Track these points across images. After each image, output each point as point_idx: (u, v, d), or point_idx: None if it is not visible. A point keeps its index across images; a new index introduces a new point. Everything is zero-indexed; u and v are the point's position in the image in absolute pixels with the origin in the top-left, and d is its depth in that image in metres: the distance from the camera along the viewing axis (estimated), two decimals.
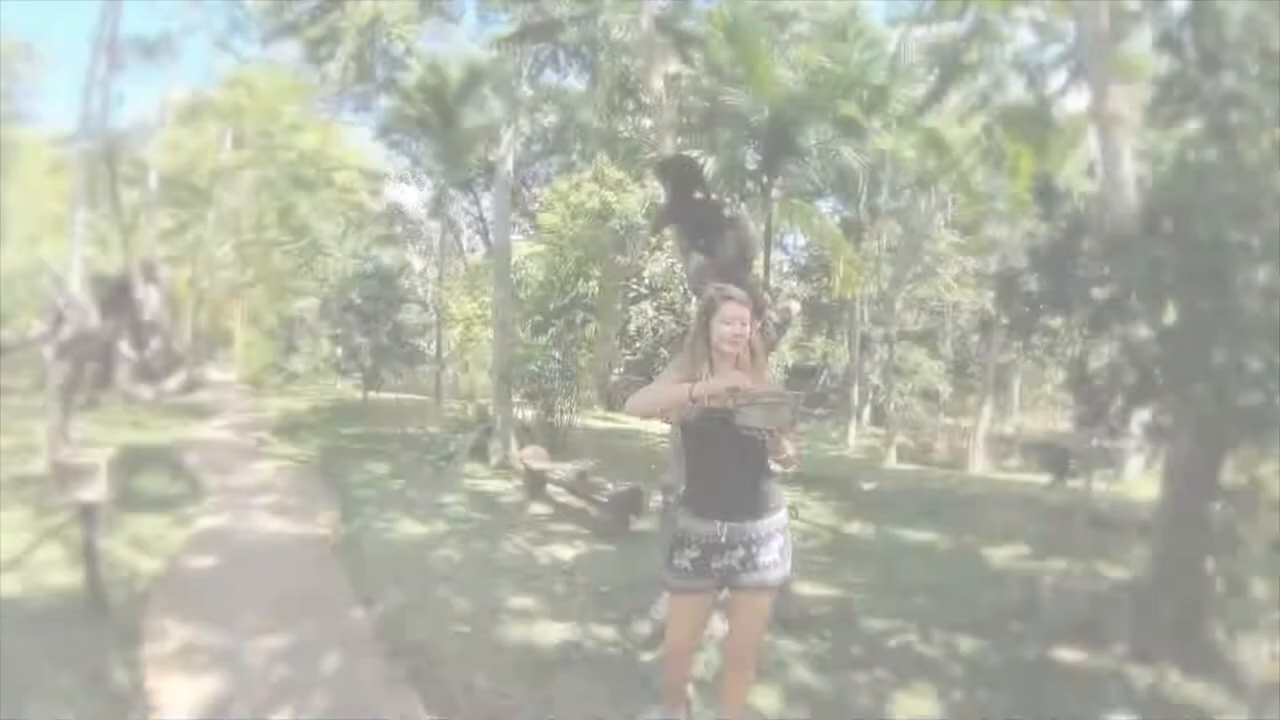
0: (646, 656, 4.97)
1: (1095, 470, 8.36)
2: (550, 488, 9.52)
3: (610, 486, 8.53)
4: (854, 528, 8.96)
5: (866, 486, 10.83)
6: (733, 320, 3.42)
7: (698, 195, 4.96)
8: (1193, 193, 4.88)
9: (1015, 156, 10.55)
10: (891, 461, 13.28)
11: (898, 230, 18.43)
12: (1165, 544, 5.45)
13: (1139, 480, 10.25)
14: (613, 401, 19.04)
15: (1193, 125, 5.43)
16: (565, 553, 7.33)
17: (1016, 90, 10.09)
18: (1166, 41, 5.67)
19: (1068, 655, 5.23)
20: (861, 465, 12.61)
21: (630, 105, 12.22)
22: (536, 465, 9.55)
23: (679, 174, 4.88)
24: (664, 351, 16.35)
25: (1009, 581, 6.97)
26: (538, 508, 9.15)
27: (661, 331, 17.22)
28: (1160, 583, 5.33)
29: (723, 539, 3.46)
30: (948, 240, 17.40)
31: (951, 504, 10.04)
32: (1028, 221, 13.08)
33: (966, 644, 5.40)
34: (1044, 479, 11.72)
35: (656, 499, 8.06)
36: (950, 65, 9.36)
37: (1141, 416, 8.34)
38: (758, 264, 5.25)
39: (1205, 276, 4.95)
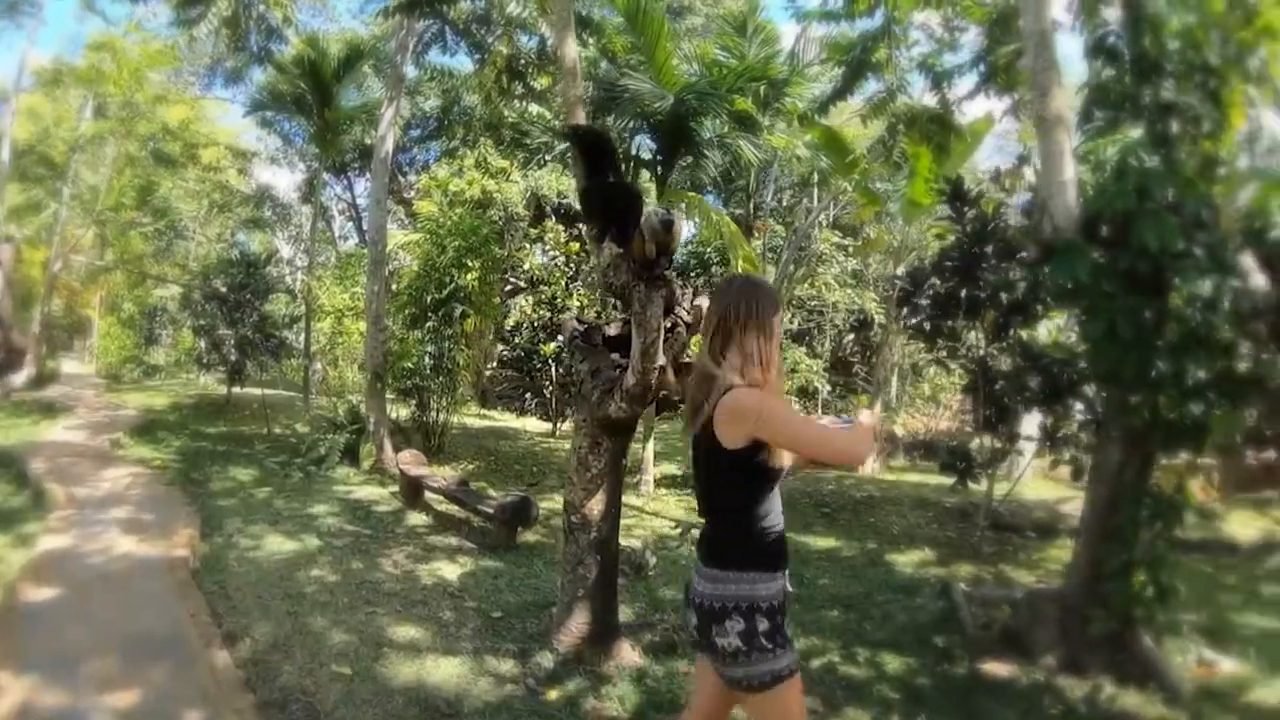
0: (552, 694, 4.43)
1: (992, 472, 8.26)
2: (429, 495, 8.71)
3: (495, 495, 7.86)
4: None
5: None
6: None
7: (611, 178, 4.35)
8: (1136, 199, 4.73)
9: (914, 158, 10.35)
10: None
11: (779, 229, 18.35)
12: (1091, 551, 5.28)
13: (1032, 483, 10.32)
14: (488, 399, 18.30)
15: (1130, 132, 5.34)
16: (450, 571, 6.64)
17: (918, 92, 9.90)
18: (1100, 49, 5.50)
19: (999, 669, 5.07)
20: None
21: (519, 89, 11.49)
22: (414, 471, 8.76)
23: (595, 147, 4.27)
24: (541, 347, 15.70)
25: (923, 591, 6.72)
26: (416, 518, 8.39)
27: (540, 327, 16.62)
28: (1087, 591, 5.22)
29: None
30: (830, 240, 17.37)
31: (847, 507, 9.78)
32: (920, 225, 13.18)
33: (893, 662, 5.18)
34: (932, 479, 11.78)
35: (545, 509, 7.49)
36: (857, 64, 9.00)
37: (1036, 421, 8.39)
38: None
39: (1146, 285, 4.84)
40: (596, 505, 4.77)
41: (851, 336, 20.92)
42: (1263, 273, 4.86)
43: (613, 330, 5.05)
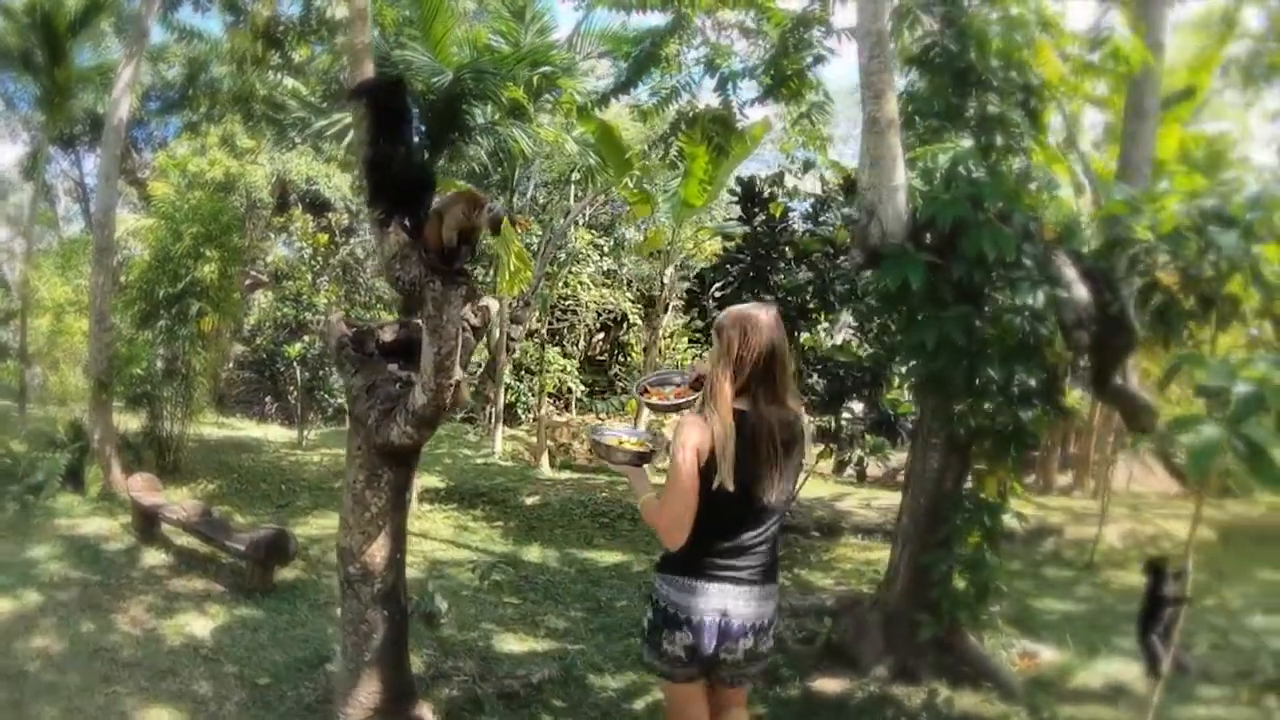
0: None
1: None
2: (167, 527, 7.27)
3: (243, 524, 6.63)
4: (534, 553, 7.77)
5: (529, 501, 9.69)
6: None
7: (403, 148, 3.47)
8: (966, 207, 4.67)
9: (691, 159, 9.97)
10: (545, 468, 12.21)
11: (535, 228, 17.67)
12: (912, 557, 5.24)
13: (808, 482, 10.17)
14: (225, 403, 16.28)
15: (950, 142, 5.16)
16: (201, 625, 5.48)
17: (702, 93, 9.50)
18: (923, 59, 5.40)
19: (831, 686, 4.91)
20: (514, 474, 11.41)
21: (276, 58, 10.02)
22: (148, 500, 7.30)
23: (389, 106, 3.36)
24: (285, 348, 14.11)
25: None
26: (154, 556, 6.97)
27: (283, 325, 15.03)
28: (910, 597, 5.17)
29: None
30: (586, 239, 16.92)
31: (625, 515, 9.19)
32: (690, 226, 12.90)
33: None
34: None
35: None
36: (645, 57, 8.46)
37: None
38: None
39: (971, 294, 4.86)
40: (379, 551, 3.86)
41: (602, 335, 20.57)
42: (1083, 284, 4.93)
43: (388, 335, 4.16)
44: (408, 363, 4.01)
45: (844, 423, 8.01)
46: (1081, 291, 4.92)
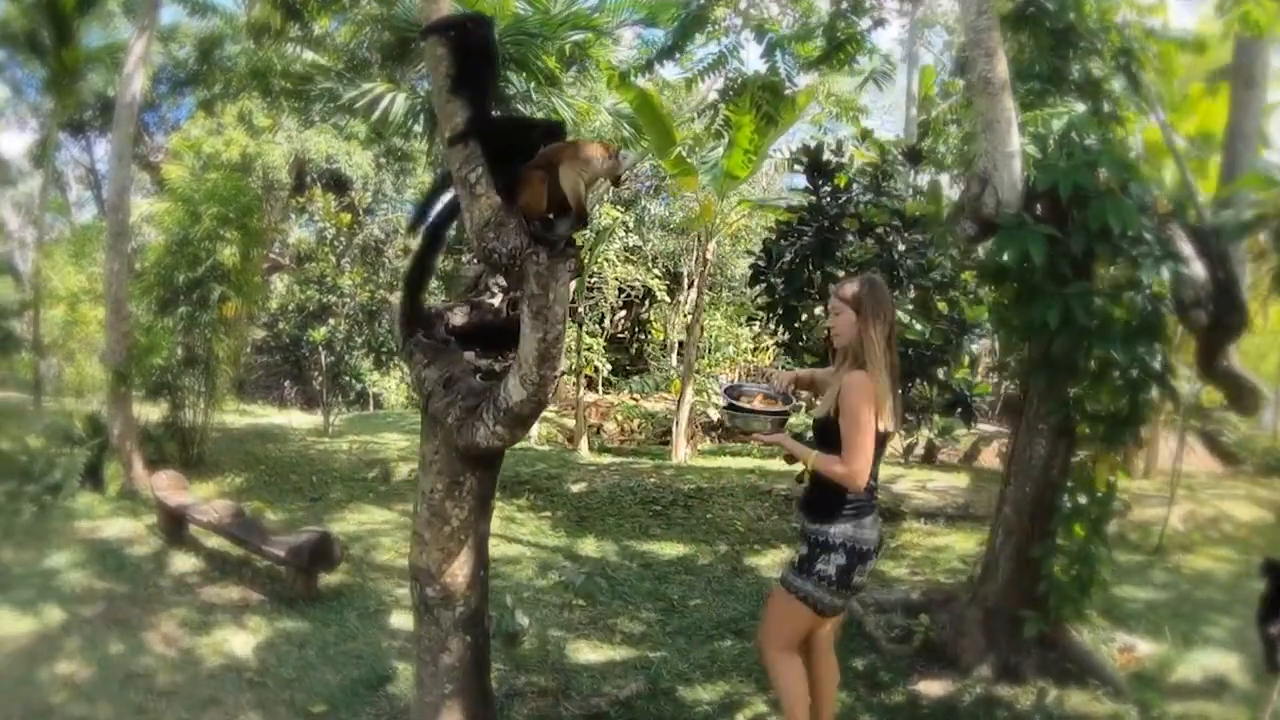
0: None
1: None
2: (196, 528, 6.67)
3: (275, 521, 6.04)
4: (590, 546, 7.19)
5: (575, 488, 9.08)
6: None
7: (488, 96, 2.88)
8: (1088, 176, 4.24)
9: (736, 128, 9.31)
10: (585, 452, 11.59)
11: None
12: (1012, 547, 4.83)
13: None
14: (245, 390, 15.68)
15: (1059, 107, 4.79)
16: (241, 642, 4.90)
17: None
18: (1022, 18, 5.02)
19: (934, 688, 4.56)
20: (554, 459, 10.80)
21: (296, 30, 9.33)
22: (174, 500, 6.70)
23: (476, 47, 2.77)
24: (309, 333, 13.46)
25: None
26: (184, 560, 6.38)
27: (310, 309, 14.36)
28: (1009, 589, 4.80)
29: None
30: (612, 215, 16.24)
31: (678, 502, 8.57)
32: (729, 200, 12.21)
33: None
34: (740, 462, 10.92)
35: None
36: (692, 19, 7.83)
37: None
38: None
39: (1088, 268, 4.48)
40: (461, 570, 3.28)
41: (624, 313, 19.91)
42: (1200, 260, 4.61)
43: (459, 318, 3.55)
44: (483, 349, 3.42)
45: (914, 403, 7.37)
46: (1199, 268, 4.59)
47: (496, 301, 3.62)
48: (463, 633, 3.32)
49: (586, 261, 13.53)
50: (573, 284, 2.96)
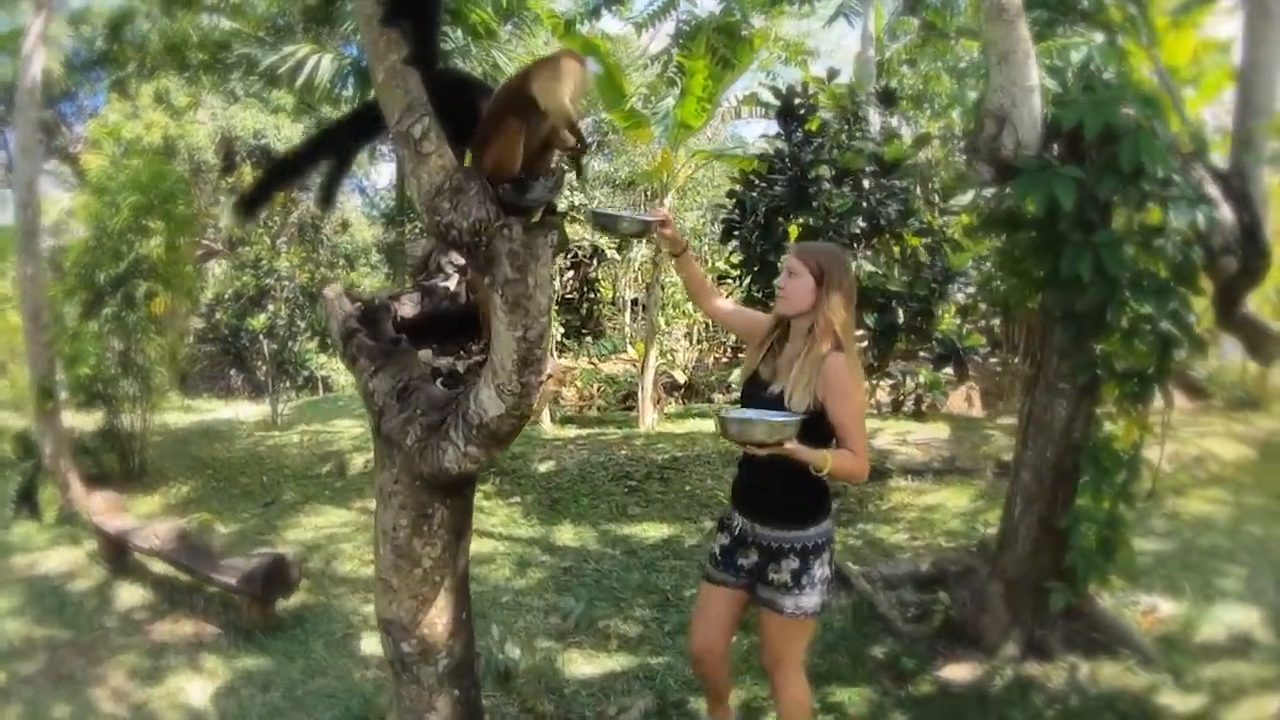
0: None
1: None
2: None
3: (227, 535, 5.37)
4: (567, 534, 6.60)
5: (543, 468, 8.43)
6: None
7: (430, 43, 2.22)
8: (1118, 112, 3.77)
9: (690, 74, 8.63)
10: (547, 425, 10.88)
11: None
12: (1033, 516, 4.43)
13: None
14: (188, 384, 14.66)
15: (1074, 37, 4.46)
16: (198, 688, 4.25)
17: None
18: None
19: (960, 672, 4.21)
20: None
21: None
22: (114, 525, 5.95)
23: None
24: (248, 321, 12.53)
25: None
26: (130, 593, 5.63)
27: (248, 295, 13.43)
28: (1031, 560, 4.44)
29: (737, 533, 2.94)
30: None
31: (653, 474, 7.95)
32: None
33: (844, 695, 4.03)
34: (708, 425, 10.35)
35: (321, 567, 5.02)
36: None
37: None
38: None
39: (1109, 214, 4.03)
40: (440, 618, 2.66)
41: (572, 273, 19.16)
42: (1225, 203, 4.24)
43: (408, 308, 2.90)
44: (441, 344, 2.78)
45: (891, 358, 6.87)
46: (1227, 212, 4.22)
47: (452, 284, 2.97)
48: (450, 687, 2.71)
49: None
50: (556, 261, 2.31)
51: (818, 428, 2.69)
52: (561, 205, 16.58)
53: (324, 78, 6.82)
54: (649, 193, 14.78)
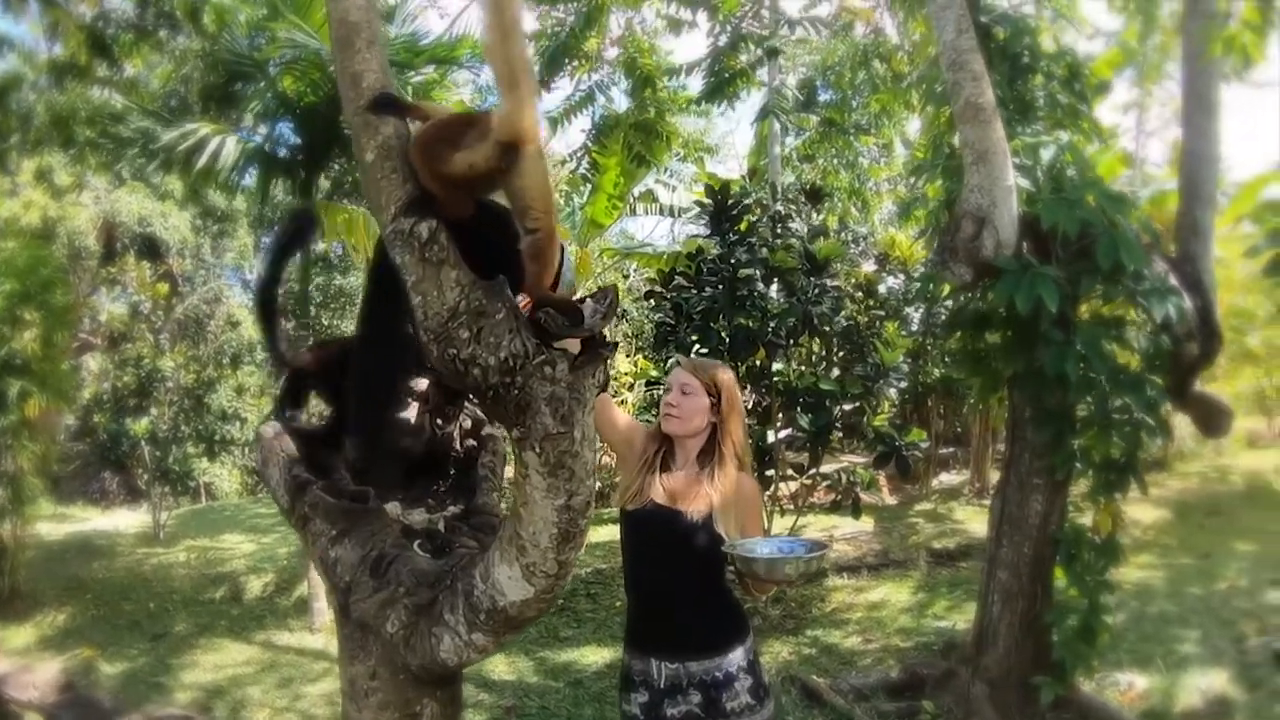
0: None
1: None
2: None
3: (120, 704, 4.45)
4: (501, 665, 5.87)
5: None
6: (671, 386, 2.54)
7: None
8: (1094, 212, 3.75)
9: (602, 170, 8.35)
10: None
11: None
12: (1012, 613, 4.27)
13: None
14: (61, 490, 13.09)
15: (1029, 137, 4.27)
16: None
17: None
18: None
19: None
20: None
21: (104, 70, 7.53)
22: None
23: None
24: (130, 427, 11.26)
25: (779, 701, 4.70)
26: None
27: (126, 396, 12.15)
28: (1013, 656, 4.27)
29: (662, 684, 2.39)
30: None
31: (579, 592, 7.32)
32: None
33: None
34: None
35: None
36: (557, 51, 6.89)
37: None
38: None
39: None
40: None
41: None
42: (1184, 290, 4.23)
43: (356, 451, 2.31)
44: (409, 496, 2.22)
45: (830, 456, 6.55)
46: (1188, 301, 4.17)
47: (411, 414, 2.39)
48: None
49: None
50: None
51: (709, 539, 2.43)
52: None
53: (226, 161, 6.14)
54: None
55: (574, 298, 1.70)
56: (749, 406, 6.57)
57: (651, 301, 6.70)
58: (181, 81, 7.77)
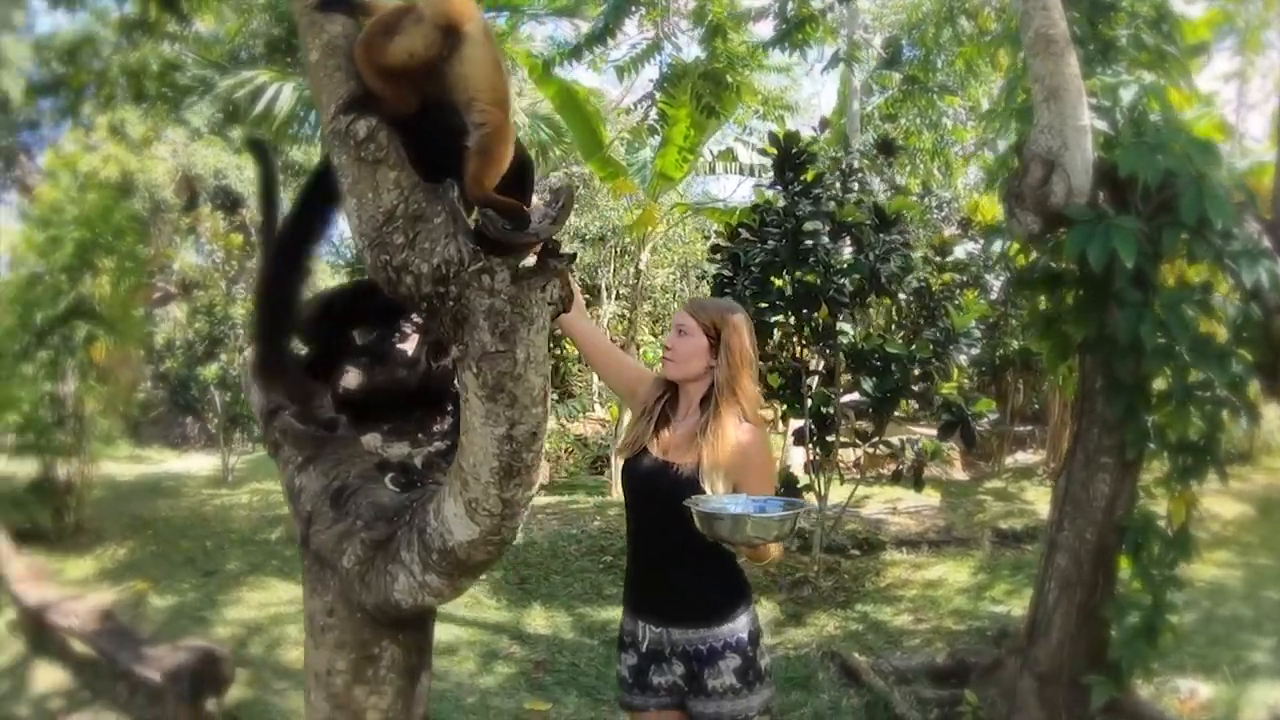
0: None
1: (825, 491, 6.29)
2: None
3: (154, 636, 4.55)
4: (539, 619, 5.86)
5: None
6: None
7: None
8: (1181, 161, 3.31)
9: (672, 123, 8.11)
10: None
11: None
12: (1069, 602, 3.88)
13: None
14: (142, 435, 13.60)
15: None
16: None
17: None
18: None
19: None
20: None
21: (173, 24, 7.65)
22: (33, 598, 5.12)
23: None
24: (199, 371, 11.55)
25: (817, 676, 4.55)
26: (48, 674, 4.81)
27: (198, 345, 12.47)
28: (1066, 650, 3.89)
29: (645, 647, 2.28)
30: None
31: (618, 550, 7.13)
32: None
33: None
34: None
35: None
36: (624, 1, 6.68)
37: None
38: None
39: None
40: None
41: None
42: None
43: (351, 379, 2.16)
44: (394, 427, 2.08)
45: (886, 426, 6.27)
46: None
47: (410, 347, 2.25)
48: None
49: None
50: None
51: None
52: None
53: (284, 109, 6.14)
54: (619, 249, 14.20)
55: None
56: (813, 368, 6.35)
57: (718, 256, 6.52)
58: (251, 36, 7.83)
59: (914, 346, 5.97)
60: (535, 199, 1.44)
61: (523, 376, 1.42)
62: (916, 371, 5.93)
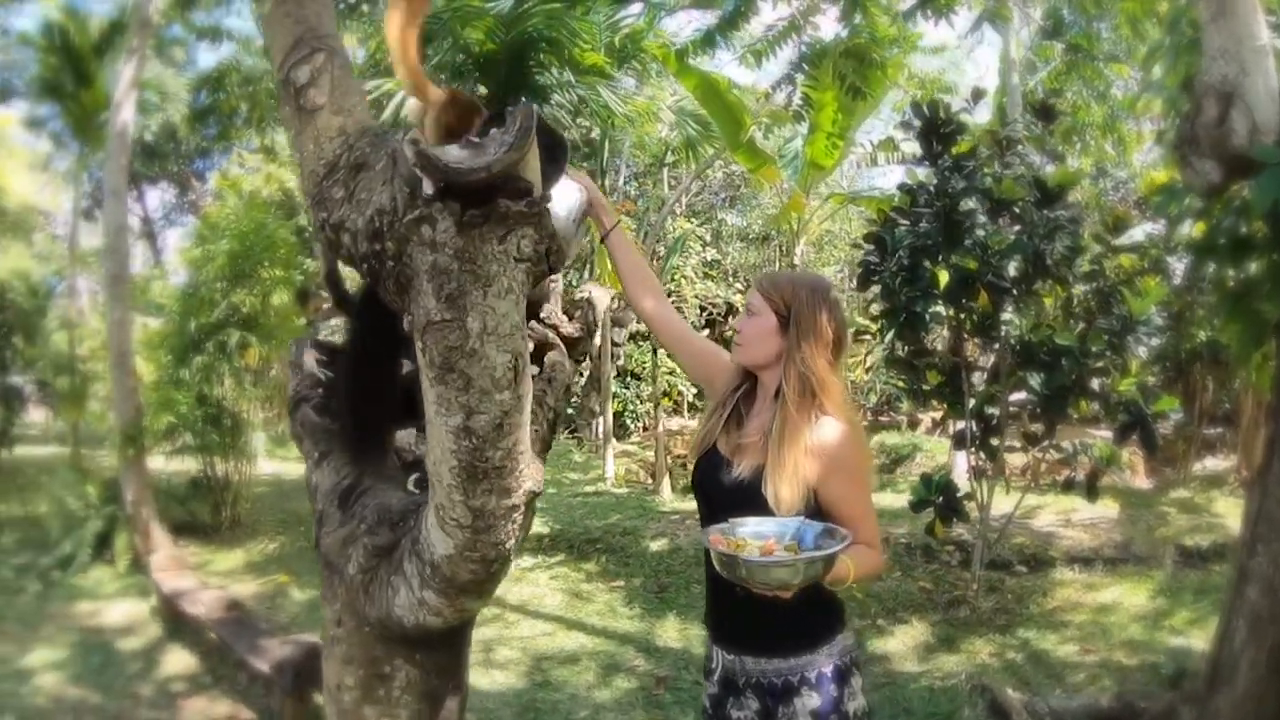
0: None
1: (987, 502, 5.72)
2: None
3: (272, 628, 4.66)
4: (671, 631, 5.62)
5: (655, 546, 7.37)
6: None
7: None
8: None
9: (818, 108, 7.71)
10: (666, 494, 9.83)
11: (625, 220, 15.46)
12: (1256, 640, 3.28)
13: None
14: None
15: None
16: None
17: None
18: None
19: None
20: (631, 506, 8.93)
21: None
22: (171, 585, 5.41)
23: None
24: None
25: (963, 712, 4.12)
26: (177, 658, 5.03)
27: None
28: (1252, 700, 3.30)
29: (719, 675, 2.00)
30: (685, 227, 14.61)
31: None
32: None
33: None
34: None
35: None
36: None
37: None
38: None
39: None
40: None
41: (706, 331, 18.08)
42: None
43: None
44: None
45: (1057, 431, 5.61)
46: None
47: None
48: None
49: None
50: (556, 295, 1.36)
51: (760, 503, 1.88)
52: (693, 260, 16.13)
53: (408, 114, 6.21)
54: (782, 247, 13.81)
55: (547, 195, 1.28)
56: (977, 364, 5.80)
57: (866, 244, 6.10)
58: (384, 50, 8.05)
59: (1087, 338, 5.32)
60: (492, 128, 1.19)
61: (477, 352, 1.16)
62: (1095, 365, 5.29)
